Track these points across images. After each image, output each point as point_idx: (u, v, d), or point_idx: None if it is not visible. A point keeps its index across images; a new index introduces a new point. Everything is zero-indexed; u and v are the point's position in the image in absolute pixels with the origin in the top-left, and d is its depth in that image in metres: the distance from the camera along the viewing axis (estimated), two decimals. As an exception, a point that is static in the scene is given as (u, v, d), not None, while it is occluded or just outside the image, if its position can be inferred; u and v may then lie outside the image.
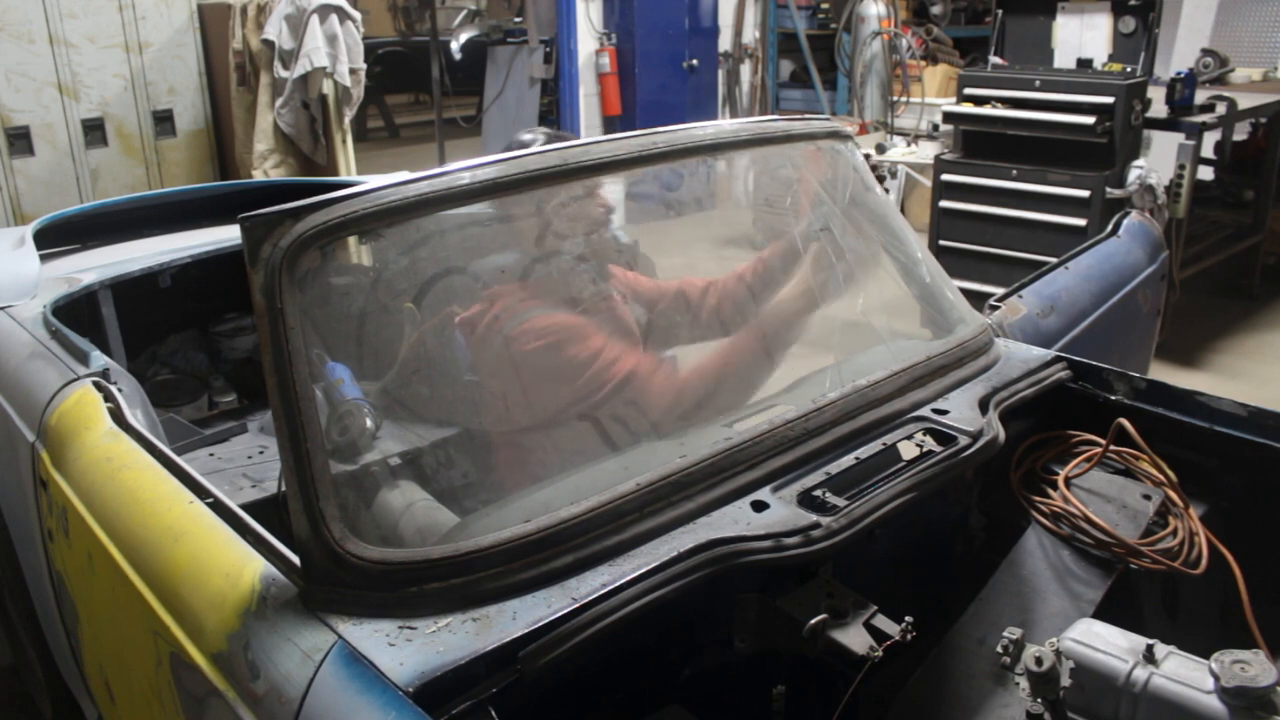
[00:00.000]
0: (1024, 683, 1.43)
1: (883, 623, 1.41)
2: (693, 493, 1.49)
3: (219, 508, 1.54)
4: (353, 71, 5.23)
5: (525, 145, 2.02)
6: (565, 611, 1.26)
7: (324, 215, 1.42)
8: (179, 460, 1.69)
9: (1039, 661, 1.39)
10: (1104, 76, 4.60)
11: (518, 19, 7.67)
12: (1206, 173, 5.83)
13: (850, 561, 1.58)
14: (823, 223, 2.11)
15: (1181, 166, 4.58)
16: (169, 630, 1.44)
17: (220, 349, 3.30)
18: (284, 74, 5.21)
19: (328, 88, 5.21)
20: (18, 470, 2.11)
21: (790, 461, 1.60)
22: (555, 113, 7.38)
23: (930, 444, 1.69)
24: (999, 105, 4.67)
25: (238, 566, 1.40)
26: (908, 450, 1.70)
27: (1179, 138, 4.68)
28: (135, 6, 5.58)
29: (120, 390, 1.95)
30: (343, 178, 4.79)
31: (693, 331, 2.09)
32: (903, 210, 6.12)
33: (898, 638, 1.38)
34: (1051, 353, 2.07)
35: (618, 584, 1.31)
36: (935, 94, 7.04)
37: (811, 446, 1.64)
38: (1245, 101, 5.10)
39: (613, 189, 1.95)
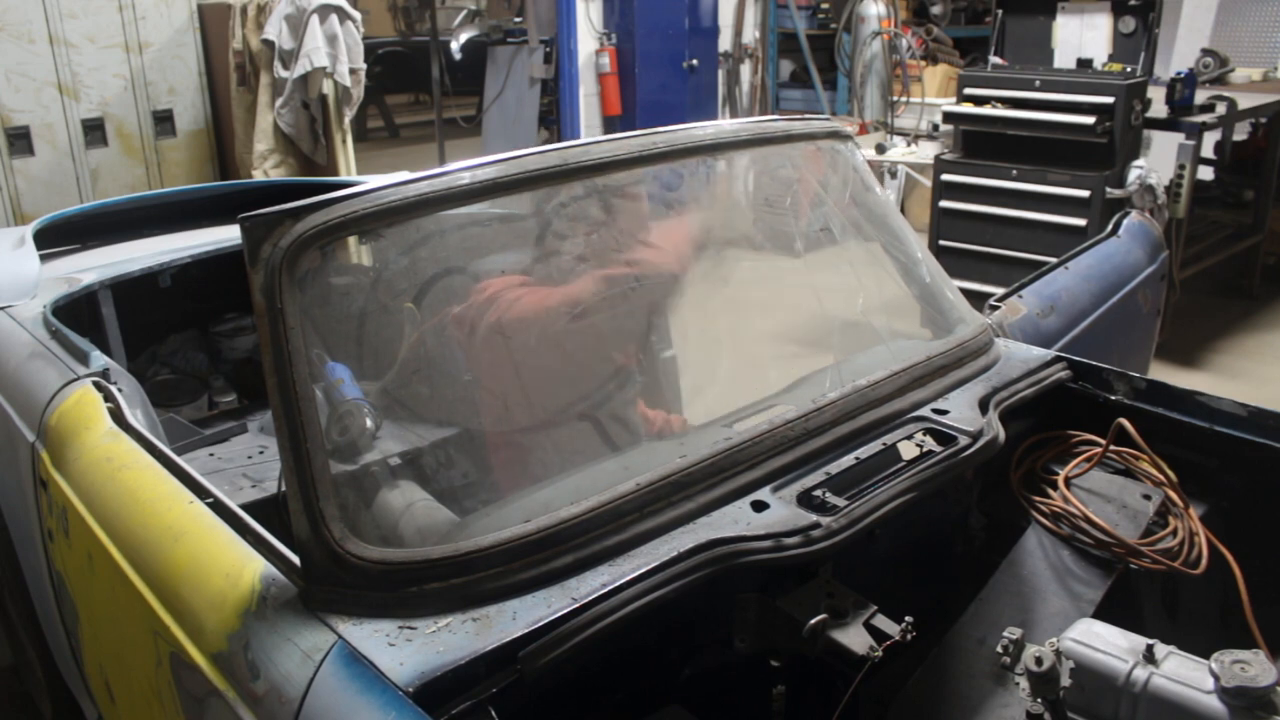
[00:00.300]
0: (1024, 683, 1.43)
1: (883, 623, 1.41)
2: (693, 493, 1.49)
3: (219, 508, 1.54)
4: (353, 71, 5.23)
5: None
6: (565, 611, 1.26)
7: (324, 215, 1.42)
8: (179, 460, 1.69)
9: (1039, 661, 1.39)
10: (1104, 76, 4.60)
11: (518, 19, 7.67)
12: (1206, 173, 5.83)
13: (850, 561, 1.58)
14: (822, 222, 2.11)
15: (1181, 166, 4.58)
16: (169, 630, 1.44)
17: (220, 349, 3.29)
18: (284, 74, 5.21)
19: (328, 88, 5.21)
20: (18, 470, 2.11)
21: (790, 461, 1.60)
22: (555, 113, 7.38)
23: (930, 444, 1.69)
24: (999, 105, 4.67)
25: (238, 566, 1.40)
26: (908, 450, 1.70)
27: (1179, 138, 4.68)
28: (135, 6, 5.58)
29: (120, 390, 1.95)
30: (343, 178, 4.79)
31: None
32: (903, 210, 6.12)
33: (898, 638, 1.38)
34: (1051, 353, 2.07)
35: (618, 584, 1.31)
36: (935, 94, 7.04)
37: (811, 446, 1.64)
38: (1245, 101, 5.10)
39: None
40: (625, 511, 1.42)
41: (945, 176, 4.90)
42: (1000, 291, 2.36)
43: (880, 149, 6.11)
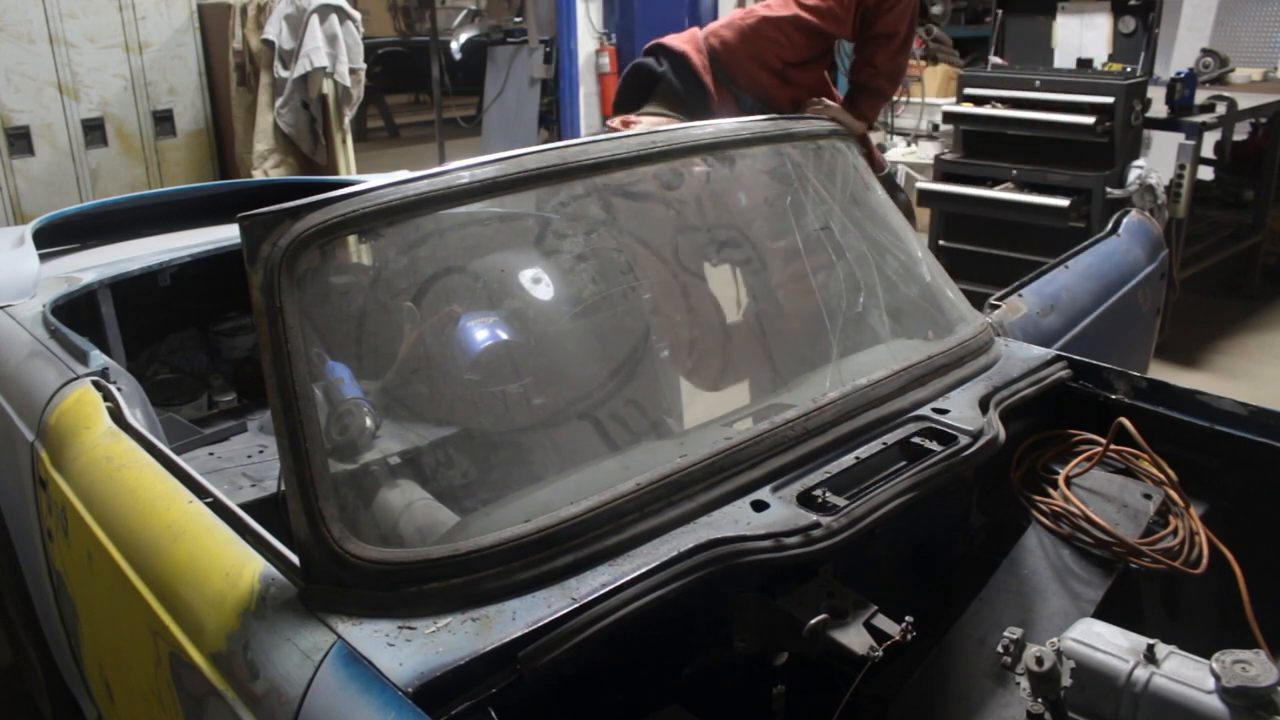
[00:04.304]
0: (1025, 682, 1.42)
1: (883, 623, 1.41)
2: (693, 492, 1.49)
3: (218, 507, 1.53)
4: (353, 71, 5.23)
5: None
6: (565, 611, 1.26)
7: (323, 214, 1.42)
8: (178, 460, 1.69)
9: (1040, 661, 1.39)
10: (1104, 76, 4.60)
11: (518, 19, 7.67)
12: (1206, 173, 5.82)
13: (850, 561, 1.57)
14: (823, 222, 2.11)
15: (1181, 166, 4.57)
16: (168, 630, 1.44)
17: (220, 348, 3.29)
18: (284, 74, 5.21)
19: (328, 88, 5.21)
20: (17, 469, 2.10)
21: (790, 461, 1.60)
22: (555, 113, 7.38)
23: (930, 444, 1.69)
24: (999, 105, 4.66)
25: (237, 566, 1.40)
26: (908, 450, 1.70)
27: (1179, 138, 4.67)
28: (135, 6, 5.58)
29: (120, 389, 1.95)
30: (342, 177, 4.79)
31: None
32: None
33: (898, 638, 1.38)
34: (1052, 352, 2.07)
35: (618, 584, 1.30)
36: (935, 94, 7.04)
37: (811, 446, 1.64)
38: (1245, 101, 5.09)
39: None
40: (625, 511, 1.42)
41: (935, 186, 4.90)
42: (1000, 291, 2.35)
43: (880, 149, 6.11)
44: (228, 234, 3.05)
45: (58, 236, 3.13)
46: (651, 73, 2.90)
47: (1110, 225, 2.81)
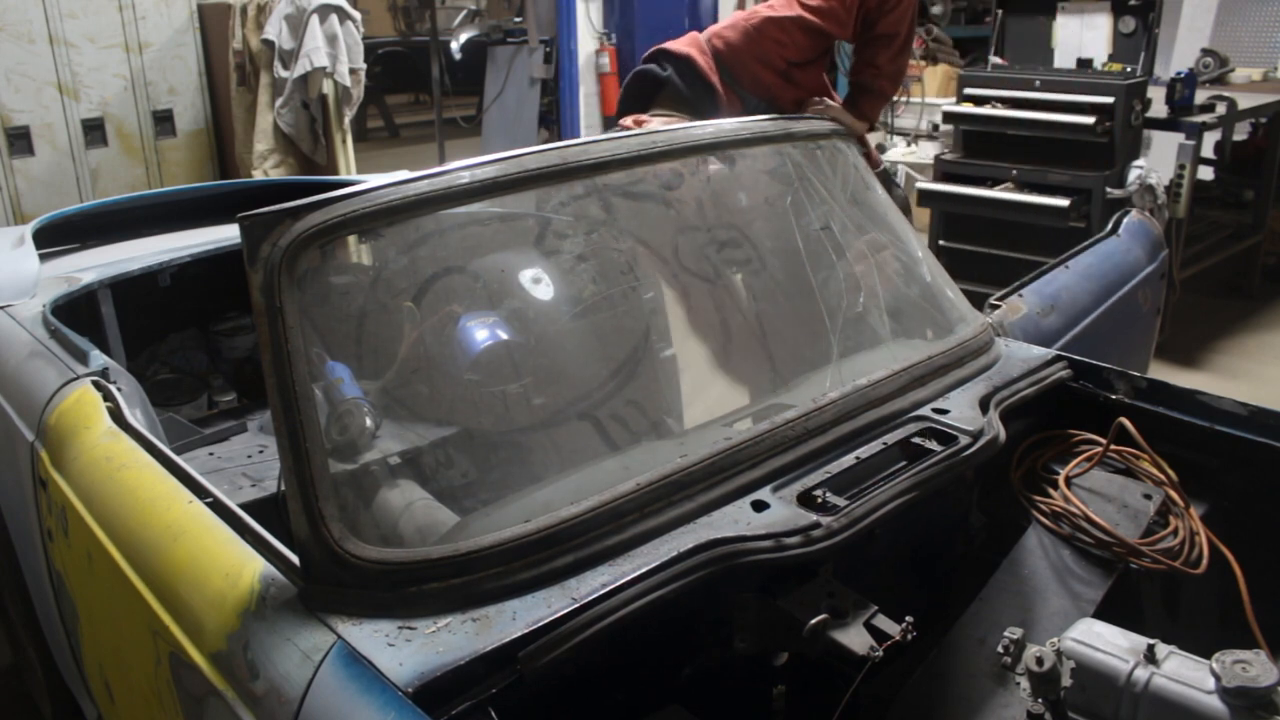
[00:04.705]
0: (1025, 683, 1.43)
1: (883, 623, 1.41)
2: (693, 492, 1.49)
3: (218, 507, 1.53)
4: (353, 71, 5.23)
5: None
6: (565, 611, 1.26)
7: (323, 214, 1.42)
8: (178, 460, 1.69)
9: (1040, 661, 1.39)
10: (1104, 76, 4.60)
11: (518, 19, 7.67)
12: (1206, 173, 5.82)
13: (850, 561, 1.57)
14: (823, 222, 2.11)
15: (1181, 166, 4.57)
16: (168, 630, 1.44)
17: (220, 348, 3.29)
18: (284, 74, 5.21)
19: (328, 88, 5.21)
20: (17, 470, 2.10)
21: (790, 461, 1.60)
22: (555, 113, 7.38)
23: (931, 444, 1.69)
24: (999, 105, 4.66)
25: (237, 566, 1.40)
26: (908, 450, 1.69)
27: (1179, 138, 4.67)
28: (135, 6, 5.58)
29: (120, 389, 1.95)
30: (342, 177, 4.79)
31: None
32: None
33: (898, 638, 1.38)
34: (1052, 352, 2.07)
35: (618, 584, 1.30)
36: (935, 94, 7.04)
37: (812, 446, 1.64)
38: (1245, 101, 5.09)
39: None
40: (625, 511, 1.42)
41: (935, 185, 4.90)
42: (1000, 291, 2.35)
43: (880, 149, 6.11)
44: (228, 234, 3.04)
45: (58, 236, 3.13)
46: (655, 78, 2.89)
47: (1110, 225, 2.81)
